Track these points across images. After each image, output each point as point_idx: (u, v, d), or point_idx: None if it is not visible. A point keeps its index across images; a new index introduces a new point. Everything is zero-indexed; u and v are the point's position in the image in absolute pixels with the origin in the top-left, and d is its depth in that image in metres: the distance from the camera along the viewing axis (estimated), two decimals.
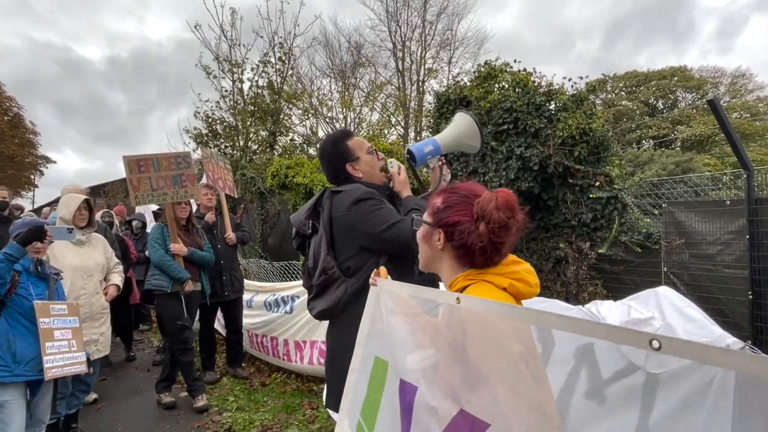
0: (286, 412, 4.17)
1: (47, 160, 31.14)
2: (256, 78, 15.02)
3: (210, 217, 5.10)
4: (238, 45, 15.01)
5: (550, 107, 5.00)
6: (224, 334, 5.49)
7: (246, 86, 15.17)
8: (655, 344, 0.77)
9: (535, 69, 5.41)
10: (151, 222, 6.91)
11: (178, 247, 4.41)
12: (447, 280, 1.43)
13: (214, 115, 14.94)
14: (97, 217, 6.22)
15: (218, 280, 4.95)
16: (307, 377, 4.78)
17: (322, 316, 2.15)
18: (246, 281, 5.87)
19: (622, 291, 4.37)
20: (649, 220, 4.72)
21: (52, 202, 12.50)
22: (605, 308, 2.25)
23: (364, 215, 1.99)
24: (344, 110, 19.62)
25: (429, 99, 19.50)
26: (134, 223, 6.65)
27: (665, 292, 2.14)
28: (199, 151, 13.98)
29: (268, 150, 15.01)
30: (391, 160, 2.20)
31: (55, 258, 3.61)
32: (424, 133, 19.24)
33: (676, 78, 29.13)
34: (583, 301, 4.31)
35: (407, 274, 1.93)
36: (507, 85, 5.33)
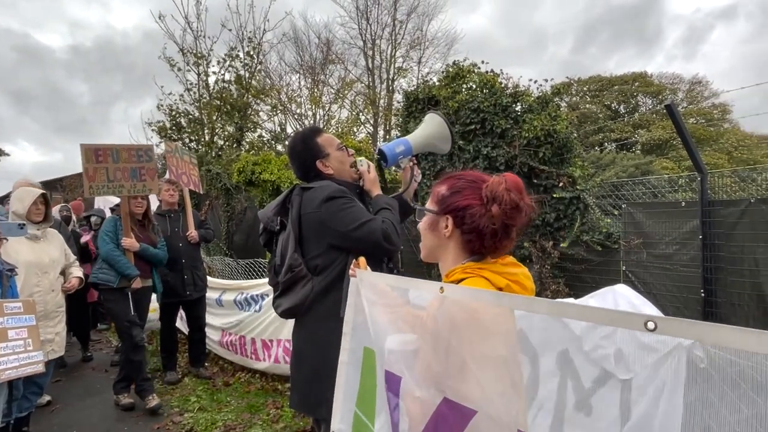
0: (250, 411, 4.10)
1: (0, 153, 29.69)
2: (223, 72, 14.73)
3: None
4: (204, 37, 14.69)
5: (516, 108, 5.09)
6: (187, 334, 5.36)
7: (212, 80, 14.85)
8: (651, 325, 0.79)
9: (502, 70, 5.50)
10: None
11: (129, 242, 4.27)
12: (446, 269, 1.42)
13: (179, 108, 14.56)
14: (54, 211, 5.98)
15: (179, 279, 4.82)
16: (271, 376, 4.71)
17: (287, 314, 2.12)
18: (212, 279, 5.76)
19: (583, 289, 4.49)
20: (609, 221, 4.86)
21: (3, 197, 11.93)
22: None
23: (335, 213, 1.98)
24: (313, 107, 19.45)
25: (398, 98, 19.57)
26: (93, 219, 6.41)
27: (622, 290, 2.19)
28: (163, 145, 13.62)
29: (234, 146, 14.74)
30: (360, 159, 2.19)
31: (8, 254, 3.44)
32: (393, 132, 19.29)
33: (637, 83, 30.11)
34: None
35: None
36: (475, 86, 5.39)
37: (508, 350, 1.11)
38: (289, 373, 2.25)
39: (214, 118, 14.54)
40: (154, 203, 5.49)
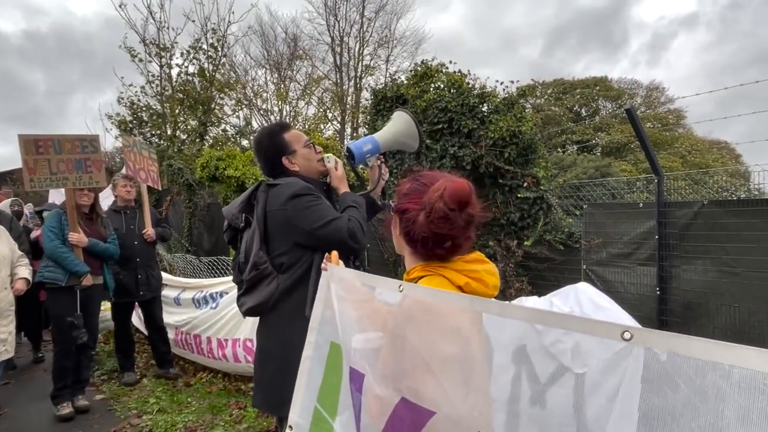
0: (212, 412, 4.01)
1: None
2: (186, 64, 14.34)
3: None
4: (167, 28, 14.26)
5: (483, 109, 5.15)
6: (147, 334, 5.20)
7: (175, 72, 14.44)
8: (627, 335, 0.81)
9: (469, 71, 5.55)
10: None
11: (77, 236, 4.06)
12: (408, 267, 1.41)
13: (140, 101, 14.10)
14: (5, 205, 5.69)
15: (133, 279, 4.65)
16: (234, 376, 4.62)
17: (252, 312, 2.08)
18: (172, 277, 5.61)
19: (546, 287, 4.59)
20: (571, 220, 4.98)
21: None
22: (530, 303, 2.35)
23: (301, 211, 1.95)
24: (279, 103, 19.22)
25: (366, 95, 19.55)
26: (45, 214, 6.13)
27: (584, 287, 2.27)
28: (121, 139, 13.18)
29: (197, 140, 14.38)
30: (328, 156, 2.17)
31: None
32: (361, 130, 19.26)
33: (598, 87, 31.04)
34: (510, 297, 4.49)
35: None
36: (442, 86, 5.42)
37: (473, 351, 1.11)
38: (250, 373, 2.21)
39: (177, 111, 14.15)
40: (110, 199, 5.30)
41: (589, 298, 2.25)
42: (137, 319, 5.48)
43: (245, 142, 16.56)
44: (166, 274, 5.64)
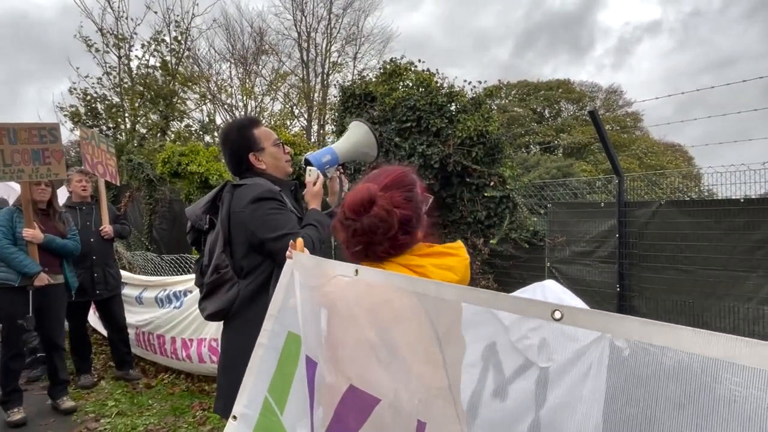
0: (174, 414, 3.89)
1: None
2: (147, 56, 13.89)
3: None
4: (126, 18, 13.78)
5: (451, 108, 5.19)
6: (105, 335, 5.01)
7: (134, 64, 13.97)
8: (557, 315, 0.81)
9: (438, 70, 5.59)
10: None
11: (32, 232, 3.83)
12: None
13: (96, 93, 13.55)
14: None
15: (89, 277, 4.46)
16: (198, 377, 4.51)
17: (213, 318, 2.01)
18: (131, 275, 5.42)
19: (511, 284, 4.68)
20: (536, 219, 5.09)
21: None
22: None
23: (259, 217, 1.89)
24: (245, 98, 18.86)
25: (333, 92, 19.42)
26: None
27: (550, 284, 2.31)
28: (78, 131, 12.65)
29: (159, 135, 13.96)
30: (310, 169, 2.11)
31: None
32: (329, 127, 19.14)
33: (560, 90, 31.88)
34: None
35: None
36: (411, 84, 5.44)
37: (419, 338, 1.11)
38: (215, 373, 2.16)
39: (137, 105, 13.69)
40: (64, 195, 5.06)
41: (555, 295, 2.30)
42: (94, 319, 5.28)
43: (208, 138, 16.19)
44: (126, 273, 5.45)
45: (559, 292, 2.36)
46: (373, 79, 5.87)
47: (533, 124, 28.02)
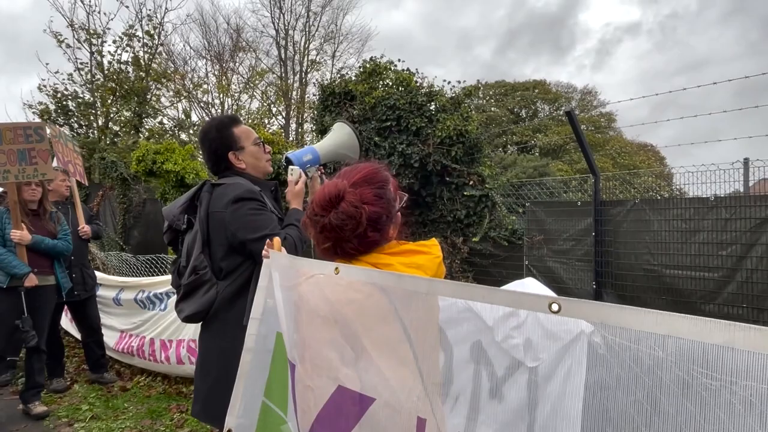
0: (151, 417, 3.82)
1: None
2: (119, 52, 13.57)
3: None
4: (98, 12, 13.44)
5: (431, 107, 5.22)
6: (78, 337, 4.88)
7: (106, 60, 13.62)
8: (555, 307, 0.82)
9: (417, 69, 5.61)
10: None
11: (19, 234, 3.75)
12: None
13: (66, 90, 13.18)
14: None
15: (66, 278, 4.36)
16: (175, 379, 4.43)
17: (190, 320, 1.97)
18: (106, 276, 5.29)
19: (490, 283, 4.72)
20: (514, 218, 5.15)
21: None
22: None
23: (240, 218, 1.87)
24: (221, 95, 18.59)
25: (312, 90, 19.31)
26: None
27: (530, 282, 2.32)
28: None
29: (132, 132, 13.65)
30: (293, 168, 2.08)
31: None
32: (307, 125, 19.02)
33: (537, 90, 32.30)
34: None
35: None
36: (391, 83, 5.44)
37: (404, 333, 1.10)
38: (193, 375, 2.12)
39: (109, 101, 13.36)
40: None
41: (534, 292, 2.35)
42: (65, 321, 5.14)
43: (184, 136, 15.92)
44: (100, 273, 5.32)
45: (539, 289, 2.40)
46: (353, 78, 5.85)
47: (510, 124, 28.36)
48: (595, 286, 4.24)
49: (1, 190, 4.47)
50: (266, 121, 19.18)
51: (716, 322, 0.69)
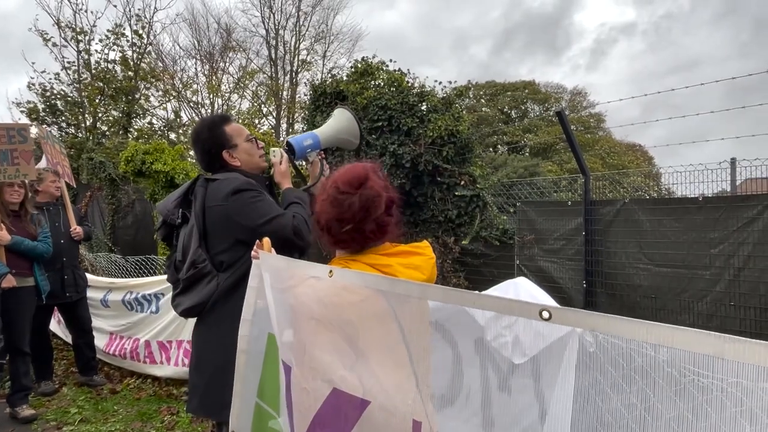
0: (141, 420, 3.79)
1: None
2: (107, 51, 13.44)
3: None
4: (85, 11, 13.29)
5: (422, 108, 5.22)
6: (67, 339, 4.82)
7: (94, 59, 13.48)
8: (545, 315, 0.82)
9: (409, 70, 5.62)
10: None
11: None
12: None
13: (53, 88, 13.02)
14: None
15: (59, 280, 4.32)
16: (165, 381, 4.40)
17: (188, 313, 1.97)
18: (94, 277, 5.24)
19: (482, 282, 4.75)
20: (505, 218, 5.17)
21: None
22: None
23: (242, 207, 1.87)
24: (211, 95, 18.47)
25: (303, 90, 19.26)
26: None
27: (522, 282, 2.33)
28: (34, 129, 12.14)
29: (121, 132, 13.52)
30: (273, 149, 2.11)
31: None
32: (298, 125, 18.97)
33: (527, 90, 32.46)
34: None
35: None
36: (383, 83, 5.44)
37: (400, 336, 1.11)
38: (186, 377, 2.11)
39: (97, 101, 13.22)
40: None
41: (527, 292, 2.34)
42: (53, 323, 5.08)
43: (173, 136, 15.80)
44: (89, 275, 5.27)
45: (531, 289, 2.40)
46: (344, 78, 5.84)
47: (501, 124, 28.48)
48: (585, 285, 4.27)
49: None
50: (257, 122, 19.09)
51: (706, 334, 0.70)
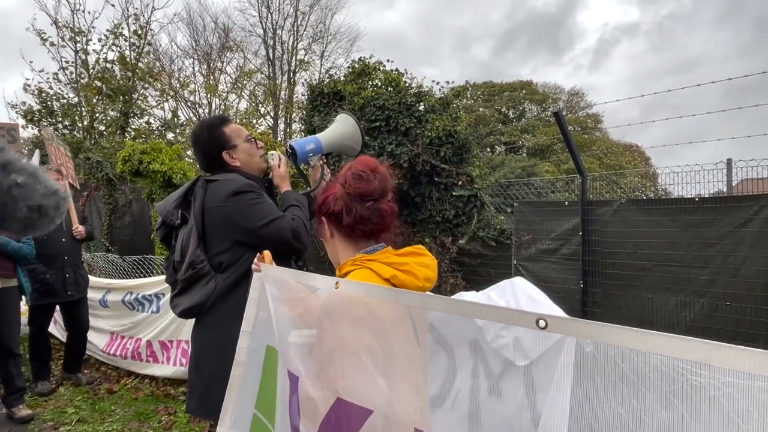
0: (139, 420, 3.78)
1: None
2: (105, 51, 13.41)
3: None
4: (83, 11, 13.27)
5: (420, 108, 5.23)
6: (62, 338, 4.82)
7: (92, 59, 13.46)
8: (542, 323, 0.83)
9: (406, 70, 5.62)
10: None
11: None
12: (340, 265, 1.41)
13: (51, 89, 12.98)
14: None
15: (60, 278, 4.33)
16: (162, 381, 4.39)
17: (187, 314, 1.97)
18: (93, 278, 5.24)
19: (479, 282, 4.75)
20: (502, 218, 5.18)
21: None
22: (468, 298, 2.40)
23: (242, 209, 1.88)
24: (209, 95, 18.44)
25: (300, 90, 19.24)
26: None
27: (520, 282, 2.34)
28: (30, 130, 12.15)
29: (118, 132, 13.49)
30: (272, 152, 2.11)
31: None
32: (295, 125, 18.96)
33: (524, 91, 32.49)
34: (445, 292, 4.59)
35: None
36: (380, 83, 5.45)
37: (408, 348, 1.12)
38: (185, 377, 2.11)
39: (94, 101, 13.19)
40: None
41: (524, 292, 2.35)
42: (51, 323, 5.08)
43: (171, 135, 15.77)
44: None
45: (529, 289, 2.40)
46: (342, 78, 5.85)
47: (498, 124, 28.52)
48: (582, 285, 4.28)
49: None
50: (254, 122, 19.07)
51: (693, 341, 0.71)
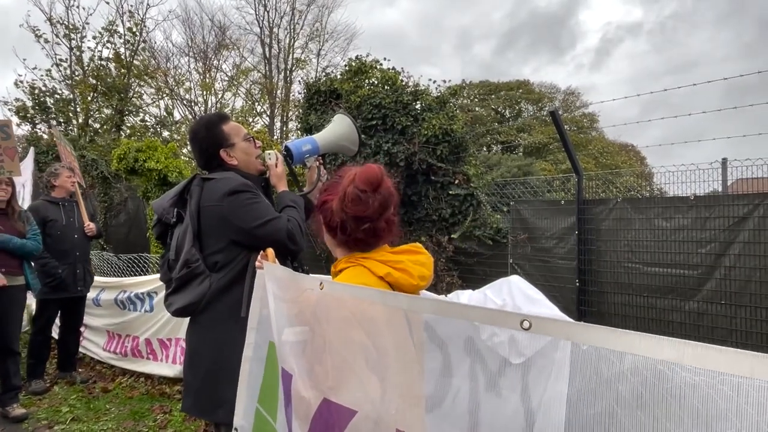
0: (134, 419, 3.77)
1: None
2: (100, 48, 13.35)
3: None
4: (78, 7, 13.19)
5: (416, 107, 5.23)
6: (56, 336, 4.80)
7: (87, 56, 13.39)
8: (526, 324, 0.83)
9: (403, 68, 5.62)
10: None
11: None
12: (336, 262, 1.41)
13: (45, 86, 12.91)
14: None
15: (71, 273, 4.36)
16: (158, 379, 4.38)
17: (181, 312, 1.96)
18: None
19: (475, 281, 4.76)
20: (499, 217, 5.19)
21: None
22: (465, 297, 2.40)
23: (238, 209, 1.87)
24: (204, 93, 18.39)
25: (297, 89, 19.19)
26: None
27: (516, 280, 2.35)
28: (24, 127, 12.08)
29: (113, 130, 13.43)
30: (269, 152, 2.10)
31: None
32: (292, 124, 18.93)
33: (521, 90, 32.54)
34: (441, 291, 4.60)
35: None
36: (377, 82, 5.44)
37: (402, 347, 1.12)
38: (180, 375, 2.11)
39: (89, 98, 13.13)
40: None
41: (520, 290, 2.35)
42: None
43: (166, 133, 15.72)
44: None
45: (525, 287, 2.41)
46: (339, 77, 5.84)
47: (495, 123, 28.56)
48: (578, 284, 4.29)
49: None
50: (250, 120, 19.03)
51: (667, 340, 0.71)
